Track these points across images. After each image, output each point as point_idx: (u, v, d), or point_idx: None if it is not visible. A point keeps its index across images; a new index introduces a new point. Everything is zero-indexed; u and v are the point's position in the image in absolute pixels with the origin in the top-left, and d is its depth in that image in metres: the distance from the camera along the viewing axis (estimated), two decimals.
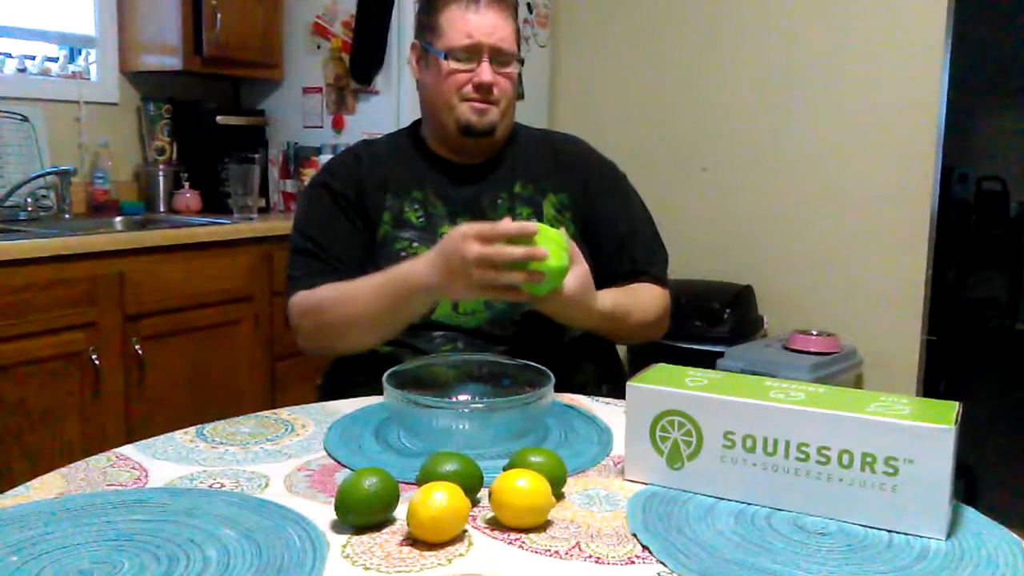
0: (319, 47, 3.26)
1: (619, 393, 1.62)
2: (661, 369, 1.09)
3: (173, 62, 3.01)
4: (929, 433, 0.88)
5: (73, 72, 3.06)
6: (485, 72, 1.47)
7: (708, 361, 2.86)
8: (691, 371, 1.07)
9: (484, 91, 1.48)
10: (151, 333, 2.46)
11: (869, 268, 3.08)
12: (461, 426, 1.10)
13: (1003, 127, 6.26)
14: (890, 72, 3.00)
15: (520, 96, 3.50)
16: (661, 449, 1.02)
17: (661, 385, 1.02)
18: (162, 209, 3.10)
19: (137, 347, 2.42)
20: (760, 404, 0.96)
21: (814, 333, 2.95)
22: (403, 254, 1.49)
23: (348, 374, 1.55)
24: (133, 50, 3.11)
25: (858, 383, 3.08)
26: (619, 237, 1.54)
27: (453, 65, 1.48)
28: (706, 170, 3.35)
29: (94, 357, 2.32)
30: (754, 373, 2.80)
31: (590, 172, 1.59)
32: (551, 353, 1.38)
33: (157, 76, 3.16)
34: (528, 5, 3.51)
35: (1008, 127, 6.33)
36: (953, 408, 0.93)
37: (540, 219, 1.55)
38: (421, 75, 1.55)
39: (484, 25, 1.47)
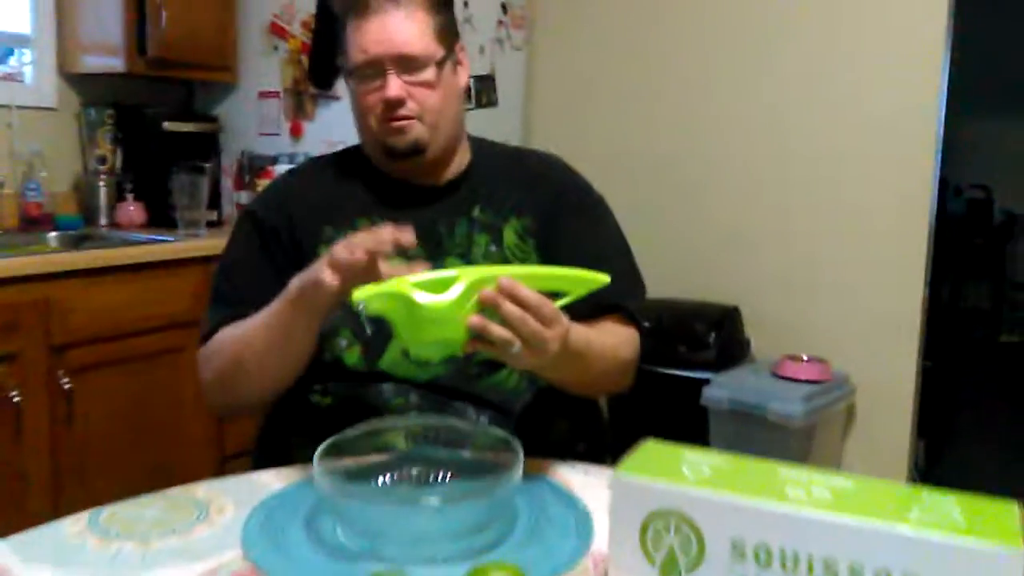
0: (276, 48, 3.04)
1: (599, 453, 1.45)
2: (651, 450, 0.91)
3: (115, 63, 2.78)
4: (992, 557, 0.69)
5: (5, 74, 2.82)
6: (390, 87, 1.27)
7: (693, 390, 2.68)
8: (688, 454, 0.88)
9: (394, 108, 1.29)
10: (81, 365, 2.23)
11: (862, 288, 2.90)
12: (411, 522, 0.91)
13: (986, 132, 6.12)
14: (886, 79, 2.82)
15: (491, 103, 3.32)
16: (653, 558, 0.83)
17: (653, 476, 0.83)
18: (103, 223, 2.87)
19: (65, 381, 2.18)
20: (776, 508, 0.78)
21: (805, 359, 2.77)
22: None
23: (282, 433, 1.35)
24: (73, 50, 2.87)
25: (850, 413, 2.90)
26: (587, 265, 1.29)
27: (360, 87, 1.30)
28: (681, 164, 3.17)
29: (14, 394, 2.09)
30: (742, 404, 2.62)
31: (559, 192, 1.39)
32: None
33: (99, 79, 2.93)
34: (502, 5, 3.31)
35: (992, 131, 6.20)
36: (1015, 517, 0.74)
37: (499, 247, 1.35)
38: (350, 98, 1.37)
39: (379, 33, 1.27)
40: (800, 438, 2.60)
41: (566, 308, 1.08)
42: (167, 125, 2.95)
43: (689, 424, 2.70)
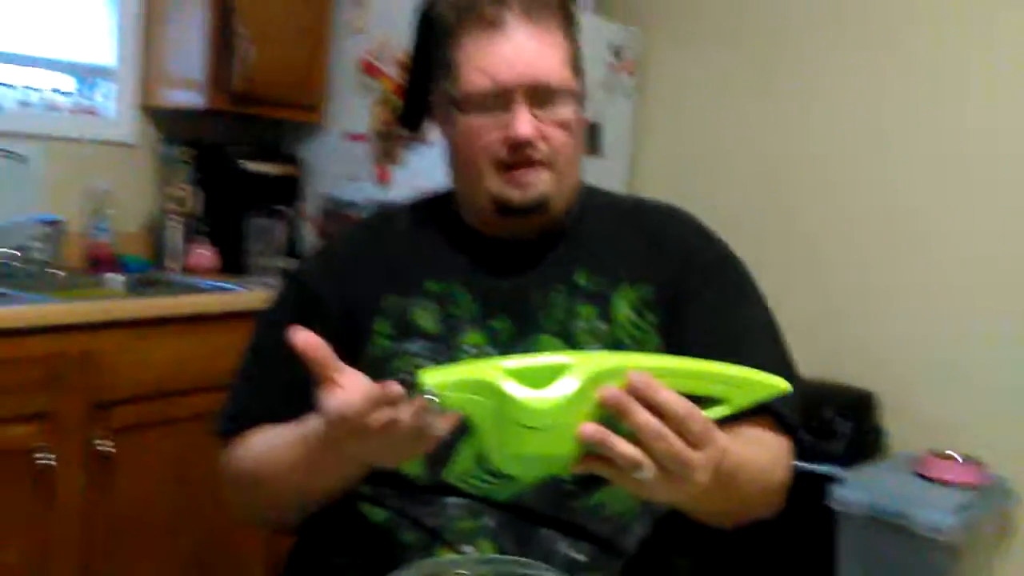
0: (368, 88, 2.82)
1: None
2: None
3: (196, 98, 2.61)
4: None
5: (86, 107, 2.68)
6: (522, 122, 0.98)
7: (819, 488, 2.28)
8: None
9: (523, 150, 0.99)
10: (123, 425, 2.00)
11: (1020, 373, 2.47)
12: None
13: None
14: None
15: (594, 150, 3.03)
16: None
17: None
18: (173, 267, 2.68)
19: (105, 443, 1.95)
20: None
21: (953, 457, 2.35)
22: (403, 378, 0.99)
23: (321, 550, 1.07)
24: (155, 84, 2.71)
25: (1007, 526, 2.45)
26: (724, 347, 0.94)
27: (474, 120, 1.00)
28: (811, 233, 2.80)
29: (48, 456, 1.86)
30: (882, 509, 2.21)
31: (690, 255, 1.09)
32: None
33: (180, 115, 2.76)
34: (615, 50, 3.04)
35: None
36: None
37: (609, 323, 1.04)
38: (444, 131, 1.07)
39: (514, 54, 0.99)
40: (949, 554, 2.17)
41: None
42: (247, 165, 2.76)
43: (813, 528, 2.30)
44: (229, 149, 2.79)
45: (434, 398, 0.73)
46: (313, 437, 0.87)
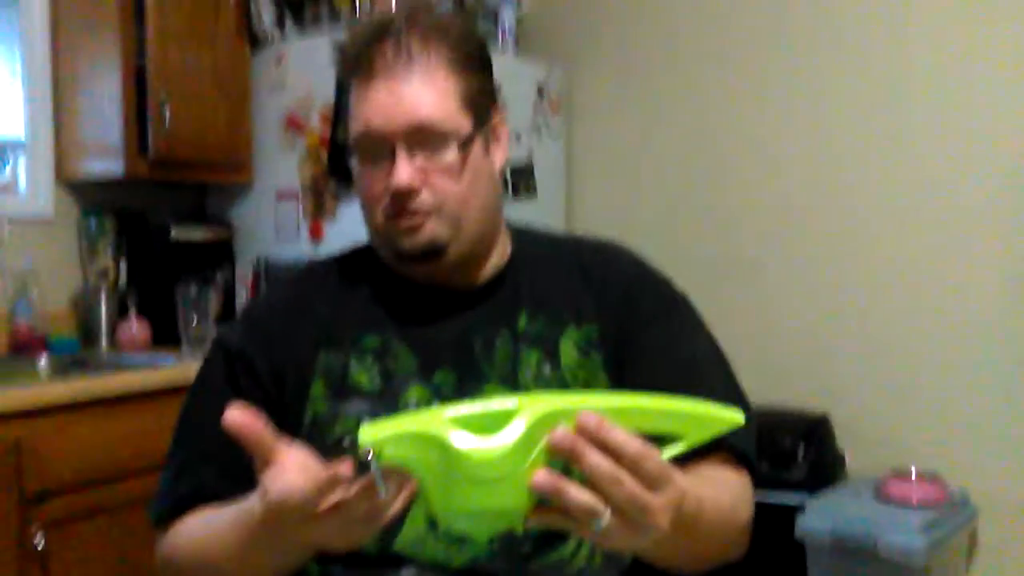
0: (294, 144, 2.76)
1: None
2: None
3: (115, 167, 2.51)
4: None
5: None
6: (399, 172, 0.96)
7: (785, 519, 2.25)
8: None
9: (402, 199, 0.96)
10: (57, 517, 1.88)
11: (973, 386, 2.48)
12: None
13: None
14: (989, 157, 2.46)
15: (527, 189, 3.00)
16: None
17: None
18: (104, 344, 2.56)
19: (38, 539, 1.83)
20: None
21: (913, 476, 2.34)
22: (347, 442, 0.95)
23: None
24: (71, 155, 2.61)
25: (973, 542, 2.44)
26: (674, 382, 0.92)
27: (364, 169, 0.99)
28: (755, 257, 2.80)
29: None
30: (848, 536, 2.19)
31: (633, 292, 1.06)
32: None
33: (101, 185, 2.66)
34: (539, 89, 3.03)
35: None
36: None
37: (556, 367, 1.01)
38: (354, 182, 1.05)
39: (388, 99, 0.96)
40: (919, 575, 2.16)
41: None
42: (174, 232, 2.68)
43: (780, 561, 2.27)
44: (153, 216, 2.71)
45: (369, 453, 0.67)
46: (254, 522, 0.80)
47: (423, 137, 0.96)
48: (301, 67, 2.71)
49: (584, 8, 3.14)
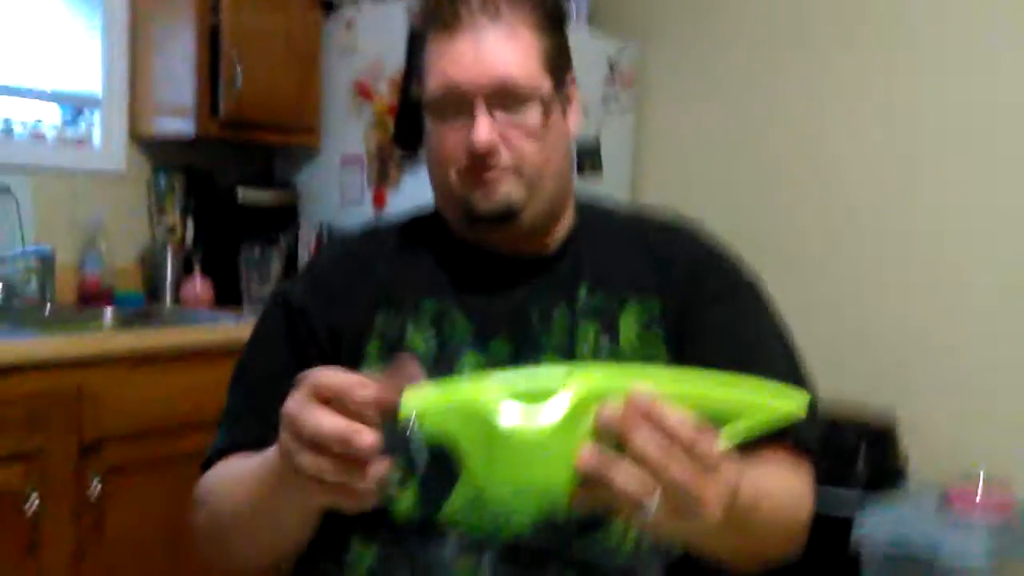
0: (362, 110, 2.76)
1: None
2: None
3: (186, 126, 2.54)
4: None
5: (74, 137, 2.62)
6: (479, 129, 0.92)
7: (837, 528, 2.17)
8: None
9: (483, 159, 0.93)
10: (114, 465, 1.92)
11: None
12: None
13: None
14: None
15: (592, 167, 2.96)
16: None
17: None
18: (168, 300, 2.60)
19: (94, 485, 1.87)
20: None
21: (980, 483, 2.25)
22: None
23: None
24: (144, 112, 2.65)
25: None
26: (737, 361, 0.85)
27: (439, 126, 0.95)
28: (823, 251, 2.71)
29: (33, 499, 1.78)
30: (906, 545, 2.11)
31: (699, 268, 1.03)
32: None
33: (172, 143, 2.70)
34: (610, 65, 2.97)
35: None
36: None
37: (615, 341, 0.98)
38: (426, 142, 1.02)
39: (470, 54, 0.92)
40: None
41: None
42: (241, 194, 2.70)
43: (835, 570, 2.19)
44: (221, 177, 2.73)
45: (413, 424, 0.66)
46: (270, 469, 0.80)
47: (505, 95, 0.93)
48: (372, 33, 2.71)
49: None
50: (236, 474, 0.91)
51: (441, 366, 0.96)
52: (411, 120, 2.57)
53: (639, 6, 3.10)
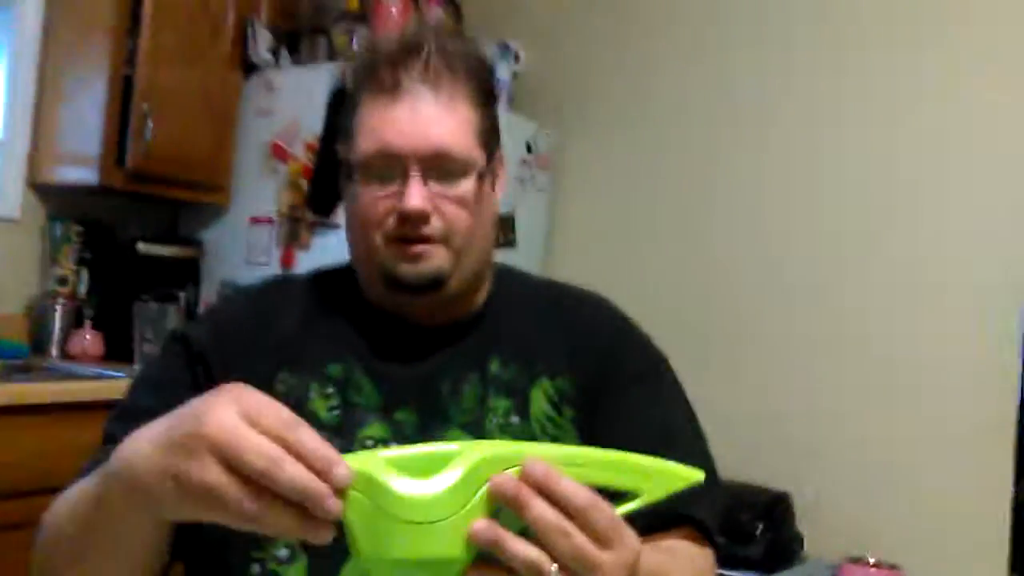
0: (275, 172, 2.73)
1: None
2: None
3: (90, 175, 2.47)
4: None
5: None
6: (412, 194, 0.90)
7: None
8: None
9: (413, 224, 0.91)
10: None
11: (939, 480, 2.43)
12: None
13: None
14: (970, 265, 2.47)
15: (509, 243, 2.98)
16: None
17: None
18: (54, 353, 2.48)
19: None
20: None
21: (871, 563, 2.28)
22: None
23: None
24: (46, 159, 2.58)
25: None
26: (646, 448, 0.86)
27: (368, 189, 0.92)
28: (729, 329, 2.76)
29: None
30: None
31: (612, 347, 1.01)
32: None
33: (73, 192, 2.62)
34: (527, 146, 3.03)
35: None
36: None
37: (525, 418, 0.95)
38: (345, 204, 0.99)
39: (409, 120, 0.91)
40: None
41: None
42: (142, 247, 2.62)
43: None
44: (123, 230, 2.66)
45: None
46: (114, 484, 0.68)
47: (440, 164, 0.91)
48: (291, 95, 2.70)
49: (578, 72, 3.16)
50: (74, 497, 0.79)
51: (344, 434, 0.91)
52: (327, 183, 2.54)
53: (558, 94, 3.18)
